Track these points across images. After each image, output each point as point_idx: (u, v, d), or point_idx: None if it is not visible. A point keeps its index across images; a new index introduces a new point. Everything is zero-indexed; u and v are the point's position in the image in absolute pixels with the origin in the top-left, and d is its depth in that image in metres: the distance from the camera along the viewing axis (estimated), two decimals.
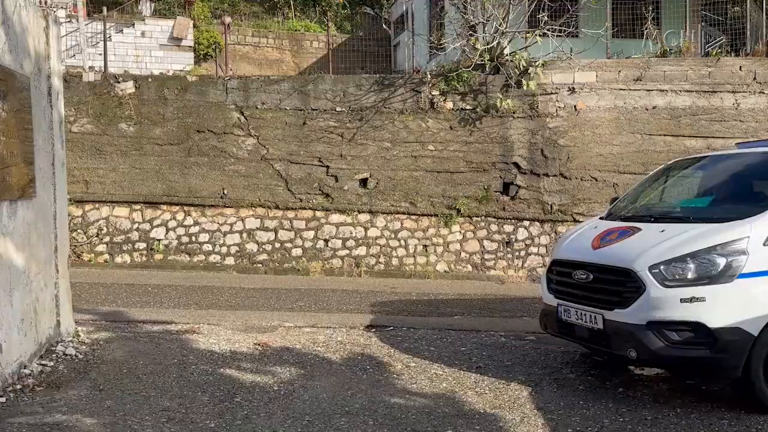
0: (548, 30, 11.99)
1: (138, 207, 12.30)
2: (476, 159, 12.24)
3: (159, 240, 12.23)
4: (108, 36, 14.31)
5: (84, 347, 6.03)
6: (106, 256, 12.13)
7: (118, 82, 12.38)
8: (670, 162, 7.05)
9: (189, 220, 12.33)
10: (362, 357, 6.19)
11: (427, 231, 12.27)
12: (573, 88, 12.12)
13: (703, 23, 13.70)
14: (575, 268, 5.49)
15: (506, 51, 12.25)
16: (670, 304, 4.82)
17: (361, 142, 12.34)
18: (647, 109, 12.08)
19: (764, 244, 4.84)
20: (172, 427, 4.27)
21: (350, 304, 8.94)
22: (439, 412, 4.78)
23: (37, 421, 4.24)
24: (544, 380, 5.61)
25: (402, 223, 12.33)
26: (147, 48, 16.73)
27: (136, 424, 4.30)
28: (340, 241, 12.28)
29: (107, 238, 12.19)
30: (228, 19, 15.27)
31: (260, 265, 12.19)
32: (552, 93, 12.15)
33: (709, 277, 4.80)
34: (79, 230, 12.03)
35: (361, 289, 10.33)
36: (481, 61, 12.04)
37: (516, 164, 12.19)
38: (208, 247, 12.26)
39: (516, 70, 12.02)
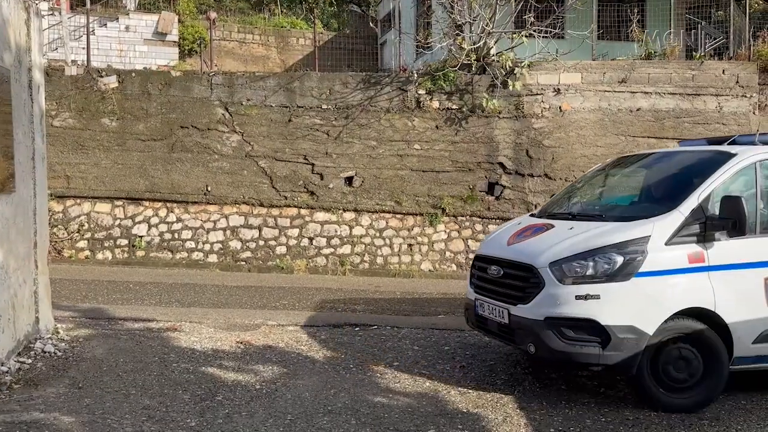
0: (534, 31, 12.04)
1: (120, 203, 12.16)
2: (462, 159, 12.26)
3: (141, 237, 12.10)
4: (91, 30, 14.13)
5: (63, 344, 5.95)
6: (87, 252, 11.98)
7: (101, 77, 12.23)
8: (610, 159, 7.06)
9: (172, 217, 12.22)
10: (346, 356, 6.17)
11: (412, 230, 12.27)
12: (558, 89, 12.18)
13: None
14: (491, 263, 5.59)
15: (492, 51, 12.28)
16: (566, 300, 4.88)
17: (347, 140, 12.30)
18: (631, 111, 12.18)
19: (666, 244, 4.89)
20: (153, 426, 4.23)
21: (334, 303, 8.91)
22: (422, 411, 4.78)
23: (14, 419, 4.16)
24: (526, 380, 5.63)
25: (387, 222, 12.31)
26: (131, 42, 16.55)
27: (115, 422, 4.24)
28: (324, 240, 12.24)
29: (88, 234, 12.04)
30: (213, 15, 15.18)
31: (244, 262, 12.11)
32: (537, 94, 12.20)
33: (606, 275, 4.84)
34: (59, 226, 11.87)
35: (345, 288, 10.30)
36: (468, 60, 12.06)
37: (501, 164, 12.23)
38: (191, 245, 12.16)
39: (502, 71, 12.05)
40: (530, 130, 12.19)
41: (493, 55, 12.25)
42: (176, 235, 12.17)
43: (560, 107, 12.19)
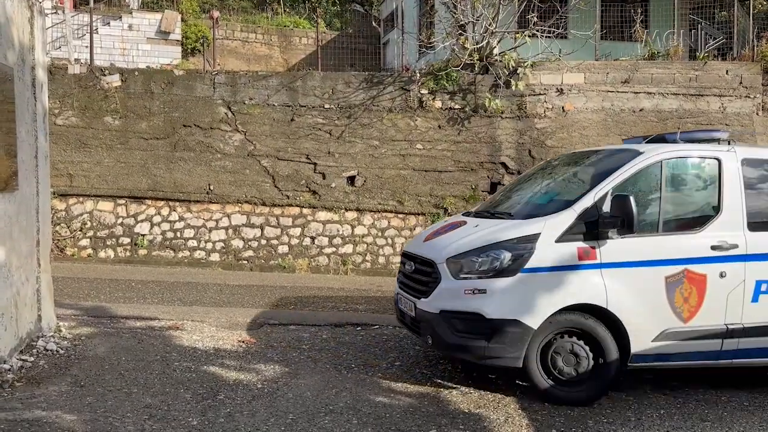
0: (537, 31, 12.03)
1: (122, 201, 12.18)
2: (464, 158, 12.25)
3: (143, 235, 12.11)
4: (95, 28, 14.15)
5: (65, 342, 5.95)
6: (90, 250, 11.99)
7: (104, 75, 12.24)
8: (551, 158, 7.00)
9: (174, 216, 12.23)
10: (347, 355, 6.16)
11: (414, 230, 12.26)
12: (561, 89, 12.17)
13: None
14: (408, 259, 5.75)
15: (495, 51, 12.27)
16: (457, 295, 5.04)
17: (350, 139, 12.30)
18: (634, 112, 12.16)
19: (557, 241, 4.96)
20: (154, 425, 4.22)
21: (336, 302, 8.91)
22: (423, 411, 4.77)
23: (15, 417, 4.17)
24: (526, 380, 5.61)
25: (389, 222, 12.31)
26: (134, 41, 16.56)
27: (117, 420, 4.24)
28: (326, 239, 12.24)
29: (91, 233, 12.06)
30: (216, 14, 15.17)
31: (246, 261, 12.12)
32: (540, 94, 12.19)
33: (494, 270, 4.96)
34: (62, 224, 11.89)
35: (347, 287, 10.30)
36: (471, 60, 12.06)
37: (504, 164, 12.21)
38: (193, 243, 12.17)
39: (505, 71, 12.04)
40: (533, 130, 12.18)
41: (496, 55, 12.24)
42: (178, 234, 12.18)
43: (563, 107, 12.18)
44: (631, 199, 4.88)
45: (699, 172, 5.45)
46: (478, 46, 12.09)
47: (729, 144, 5.53)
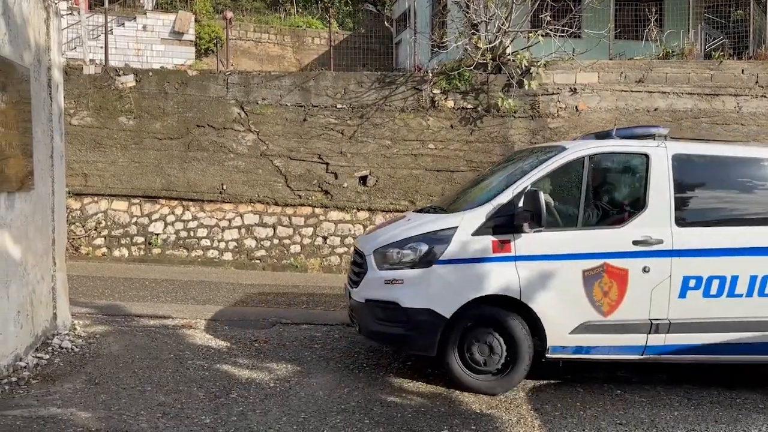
0: (551, 30, 11.96)
1: (137, 201, 12.27)
2: (477, 158, 12.21)
3: (157, 234, 12.20)
4: (109, 29, 14.27)
5: (80, 340, 6.01)
6: (104, 249, 12.10)
7: (119, 76, 12.34)
8: (513, 152, 6.99)
9: (187, 215, 12.31)
10: (359, 355, 6.17)
11: None
12: (575, 88, 12.10)
13: (702, 23, 13.66)
14: (354, 251, 5.98)
15: (508, 50, 12.22)
16: (379, 284, 5.27)
17: (362, 139, 12.31)
18: (648, 111, 12.06)
19: (473, 234, 5.09)
20: (168, 423, 4.26)
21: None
22: (435, 411, 4.77)
23: (31, 414, 4.22)
24: (541, 382, 5.59)
25: None
26: (148, 42, 16.69)
27: (131, 418, 4.28)
28: (338, 239, 12.26)
29: (105, 232, 12.16)
30: (230, 14, 15.24)
31: (258, 261, 12.17)
32: (554, 93, 12.13)
33: (411, 261, 5.17)
34: (77, 223, 12.00)
35: None
36: (483, 60, 12.01)
37: None
38: (206, 242, 12.23)
39: (518, 70, 11.99)
40: (546, 130, 12.12)
41: (509, 55, 12.19)
42: (192, 233, 12.25)
43: (576, 107, 12.11)
44: (540, 194, 4.95)
45: (625, 168, 5.52)
46: (490, 45, 12.05)
47: (665, 139, 5.51)
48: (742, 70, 12.04)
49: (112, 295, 8.56)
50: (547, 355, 5.18)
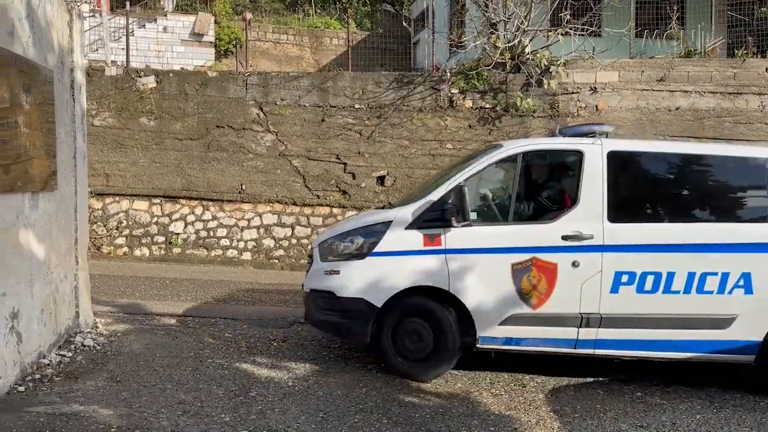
0: (570, 29, 11.87)
1: (157, 201, 12.40)
2: None
3: (177, 234, 12.32)
4: (131, 30, 14.42)
5: (102, 339, 6.09)
6: (126, 248, 12.24)
7: (140, 77, 12.48)
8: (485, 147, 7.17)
9: (207, 215, 12.41)
10: (377, 354, 6.17)
11: None
12: (595, 87, 11.99)
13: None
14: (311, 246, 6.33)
15: (527, 49, 12.15)
16: (320, 275, 5.61)
17: (380, 139, 12.32)
18: (670, 111, 11.91)
19: (406, 229, 5.36)
20: (188, 420, 4.29)
21: None
22: (453, 411, 4.75)
23: (54, 410, 4.28)
24: (561, 382, 5.55)
25: None
26: (168, 43, 16.84)
27: (152, 416, 4.32)
28: None
29: (127, 231, 12.31)
30: (249, 16, 15.32)
31: (277, 260, 12.23)
32: (573, 92, 12.03)
33: (348, 253, 5.48)
34: (99, 223, 12.16)
35: None
36: (502, 59, 11.95)
37: None
38: (225, 242, 12.33)
39: (537, 69, 11.91)
40: None
41: (528, 54, 12.11)
42: (211, 233, 12.36)
43: (597, 106, 12.00)
44: (465, 190, 5.23)
45: (560, 165, 5.70)
46: (509, 44, 11.98)
47: (606, 137, 5.58)
48: (766, 69, 11.85)
49: (133, 293, 8.66)
50: (478, 345, 5.34)
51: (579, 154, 5.41)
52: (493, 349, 5.40)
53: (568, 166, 5.58)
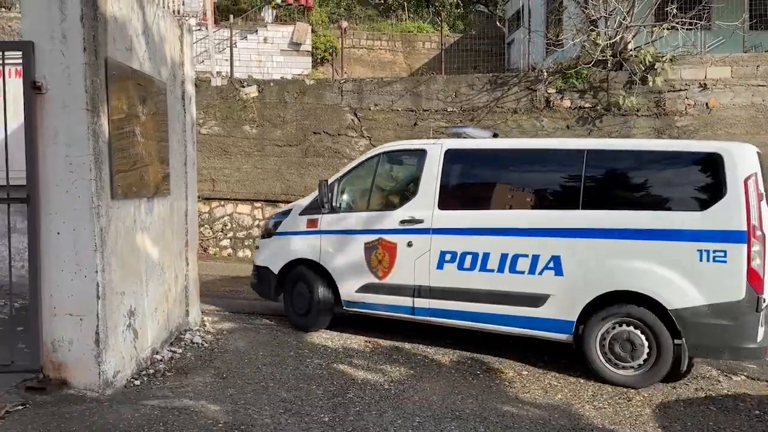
0: (677, 23, 11.23)
1: (259, 204, 12.91)
2: None
3: None
4: (234, 42, 15.10)
5: (209, 336, 6.40)
6: (230, 250, 12.83)
7: (243, 87, 13.05)
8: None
9: None
10: (472, 361, 6.10)
11: None
12: (704, 84, 11.28)
13: None
14: None
15: (630, 46, 11.62)
16: (256, 250, 7.50)
17: None
18: None
19: (300, 214, 6.90)
20: (289, 419, 4.42)
21: None
22: (554, 424, 4.61)
23: (167, 404, 4.53)
24: (670, 397, 5.25)
25: None
26: (269, 53, 17.51)
27: (255, 413, 4.49)
28: None
29: (231, 234, 12.90)
30: (345, 24, 15.64)
31: None
32: (681, 90, 11.38)
33: (267, 232, 7.27)
34: (205, 225, 12.82)
35: None
36: (603, 57, 11.50)
37: None
38: None
39: (641, 66, 11.35)
40: (672, 129, 11.39)
41: (631, 50, 11.58)
42: None
43: (707, 104, 11.28)
44: (325, 183, 6.67)
45: (410, 163, 6.69)
46: (610, 41, 11.51)
47: (459, 137, 6.56)
48: None
49: (237, 293, 9.04)
50: (343, 308, 6.67)
51: (424, 153, 6.39)
52: (356, 312, 6.64)
53: (415, 164, 6.51)
